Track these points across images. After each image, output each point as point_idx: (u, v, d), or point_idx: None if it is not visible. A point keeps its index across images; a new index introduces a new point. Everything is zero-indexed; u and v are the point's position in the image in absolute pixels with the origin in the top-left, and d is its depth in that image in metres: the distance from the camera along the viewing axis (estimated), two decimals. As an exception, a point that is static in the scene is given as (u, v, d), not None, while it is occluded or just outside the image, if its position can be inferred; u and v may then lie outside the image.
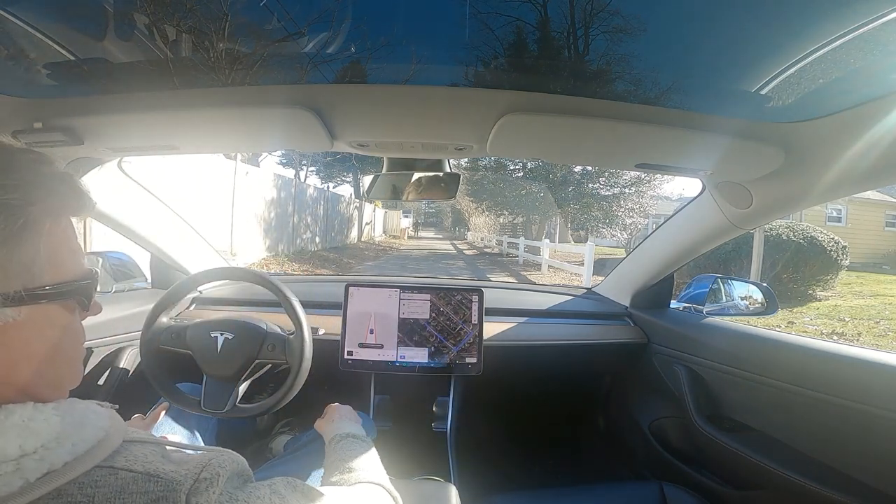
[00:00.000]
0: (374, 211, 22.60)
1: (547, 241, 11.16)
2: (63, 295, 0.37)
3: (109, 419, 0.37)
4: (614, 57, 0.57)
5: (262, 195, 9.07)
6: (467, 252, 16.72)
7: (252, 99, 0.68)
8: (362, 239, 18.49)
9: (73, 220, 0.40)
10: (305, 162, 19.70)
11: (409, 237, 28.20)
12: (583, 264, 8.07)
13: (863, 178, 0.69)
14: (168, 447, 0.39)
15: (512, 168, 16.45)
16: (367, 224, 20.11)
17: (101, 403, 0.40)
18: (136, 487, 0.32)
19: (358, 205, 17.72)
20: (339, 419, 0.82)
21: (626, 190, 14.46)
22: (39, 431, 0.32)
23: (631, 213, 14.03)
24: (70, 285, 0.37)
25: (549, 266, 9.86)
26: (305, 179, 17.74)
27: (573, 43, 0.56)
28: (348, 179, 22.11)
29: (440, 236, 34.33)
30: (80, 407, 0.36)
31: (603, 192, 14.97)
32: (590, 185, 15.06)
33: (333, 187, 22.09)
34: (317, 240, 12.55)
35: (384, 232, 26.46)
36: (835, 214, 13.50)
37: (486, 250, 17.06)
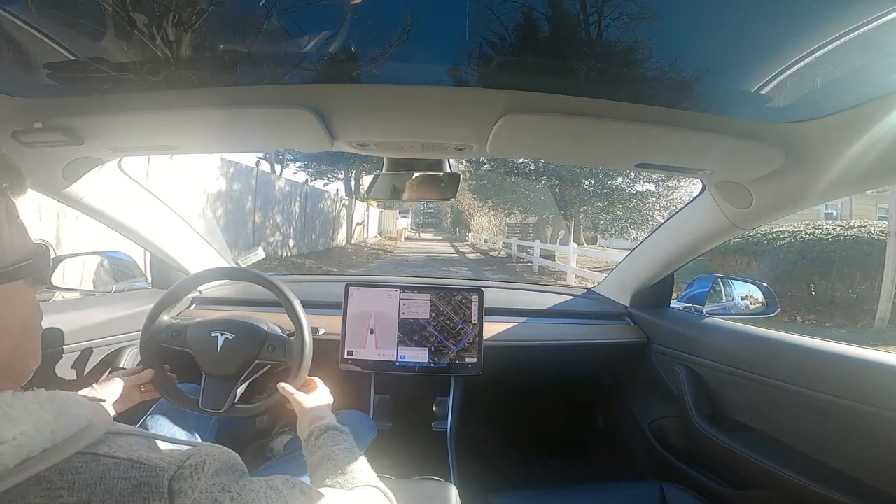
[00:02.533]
0: (367, 210, 20.70)
1: (574, 245, 9.38)
2: (26, 271, 0.39)
3: (93, 410, 0.37)
4: (614, 57, 0.57)
5: (202, 187, 7.17)
6: (470, 256, 15.25)
7: (252, 99, 0.68)
8: (352, 241, 16.72)
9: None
10: (291, 157, 18.28)
11: (407, 238, 26.13)
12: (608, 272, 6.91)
13: (863, 178, 0.69)
14: (157, 439, 0.39)
15: (522, 161, 14.44)
16: (358, 224, 18.27)
17: (86, 396, 0.41)
18: (118, 473, 0.32)
19: (346, 202, 15.98)
20: (311, 407, 0.79)
21: (659, 186, 12.50)
22: (18, 419, 0.32)
23: (665, 213, 11.85)
24: (31, 262, 0.39)
25: (577, 276, 8.13)
26: (282, 172, 15.42)
27: (573, 43, 0.56)
28: (340, 176, 20.69)
29: (439, 237, 32.46)
30: (62, 396, 0.36)
31: (634, 188, 12.77)
32: (618, 180, 12.85)
33: (325, 185, 19.82)
34: (290, 243, 10.51)
35: (379, 233, 24.41)
36: (885, 214, 12.36)
37: (490, 253, 15.68)
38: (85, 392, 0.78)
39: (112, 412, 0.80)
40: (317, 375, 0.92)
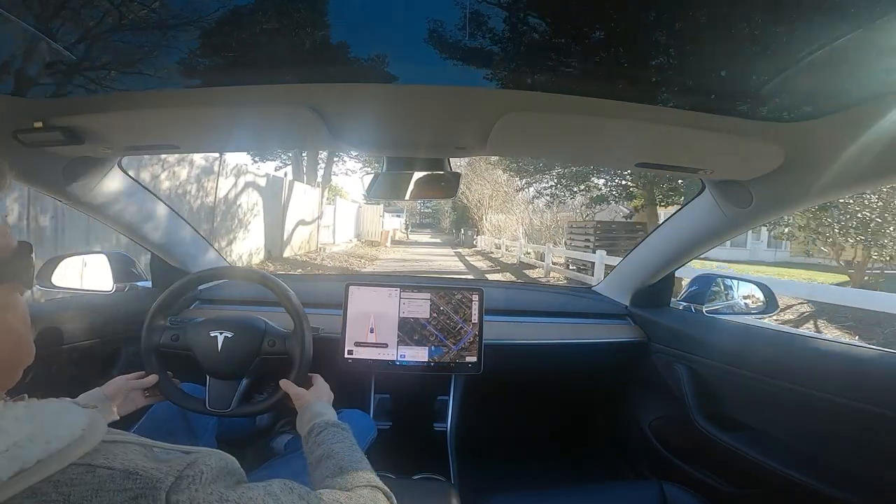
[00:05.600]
0: (332, 204, 13.86)
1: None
2: (5, 274, 0.36)
3: (88, 419, 0.36)
4: (615, 56, 0.57)
5: None
6: (494, 276, 9.47)
7: (253, 98, 0.68)
8: (298, 252, 10.27)
9: None
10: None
11: (395, 242, 19.13)
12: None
13: (863, 177, 0.69)
14: (153, 446, 0.38)
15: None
16: (303, 224, 11.04)
17: (79, 403, 0.40)
18: (114, 485, 0.32)
19: (256, 180, 8.47)
20: (311, 404, 0.79)
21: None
22: (10, 430, 0.31)
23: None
24: (10, 264, 0.37)
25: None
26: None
27: (573, 42, 0.56)
28: (287, 156, 15.54)
29: (437, 240, 26.43)
30: (55, 406, 0.36)
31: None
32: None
33: (277, 169, 13.63)
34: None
35: (357, 236, 17.10)
36: None
37: (528, 273, 10.00)
38: (90, 394, 0.78)
39: (115, 415, 0.80)
40: (318, 374, 0.92)
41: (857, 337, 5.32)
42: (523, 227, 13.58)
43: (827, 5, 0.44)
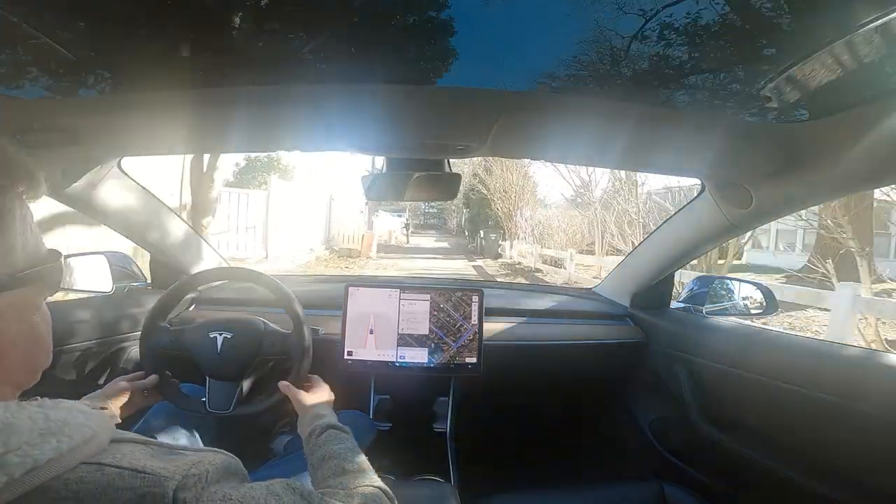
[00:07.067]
0: (264, 187, 8.71)
1: None
2: (37, 277, 0.38)
3: (97, 419, 0.37)
4: (614, 57, 0.57)
5: None
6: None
7: (252, 99, 0.68)
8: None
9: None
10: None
11: (390, 249, 14.77)
12: None
13: (863, 178, 0.69)
14: (159, 446, 0.39)
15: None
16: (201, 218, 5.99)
17: (88, 403, 0.41)
18: (123, 483, 0.32)
19: None
20: (312, 405, 0.80)
21: None
22: (22, 428, 0.31)
23: None
24: (42, 268, 0.39)
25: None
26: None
27: (572, 42, 0.56)
28: None
29: (444, 244, 20.39)
30: (66, 405, 0.36)
31: None
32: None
33: None
34: None
35: (326, 243, 11.85)
36: None
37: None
38: (92, 395, 0.79)
39: (117, 417, 0.81)
40: (316, 376, 0.92)
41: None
42: (641, 224, 6.58)
43: (827, 6, 0.44)
